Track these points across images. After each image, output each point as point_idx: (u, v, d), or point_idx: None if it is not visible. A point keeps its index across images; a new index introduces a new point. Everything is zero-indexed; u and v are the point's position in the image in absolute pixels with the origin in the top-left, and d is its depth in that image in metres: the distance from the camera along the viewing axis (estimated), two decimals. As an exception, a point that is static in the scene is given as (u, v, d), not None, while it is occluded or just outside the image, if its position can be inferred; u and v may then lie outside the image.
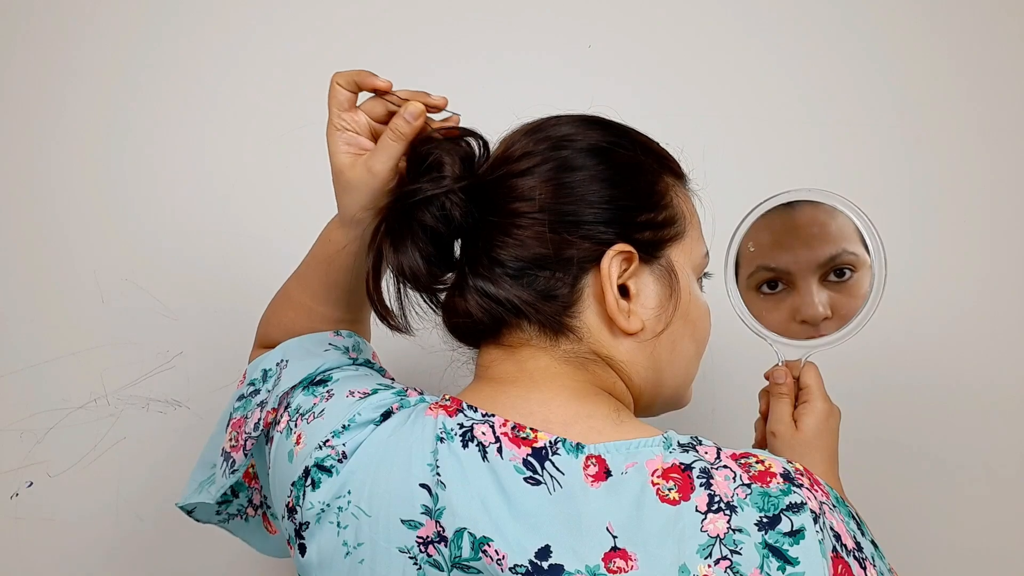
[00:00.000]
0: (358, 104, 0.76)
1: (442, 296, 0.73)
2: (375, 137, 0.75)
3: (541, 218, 0.67)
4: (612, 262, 0.67)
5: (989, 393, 1.14)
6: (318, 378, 0.78)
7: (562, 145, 0.70)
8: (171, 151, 1.19)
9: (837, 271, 0.85)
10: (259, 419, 0.78)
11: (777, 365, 0.84)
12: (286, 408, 0.76)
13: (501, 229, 0.68)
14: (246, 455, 0.79)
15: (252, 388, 0.82)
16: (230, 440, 0.81)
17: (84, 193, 1.18)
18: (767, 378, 0.85)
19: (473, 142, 0.72)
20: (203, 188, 1.19)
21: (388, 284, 0.72)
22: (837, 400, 0.83)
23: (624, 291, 0.69)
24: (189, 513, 0.88)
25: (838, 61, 1.17)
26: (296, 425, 0.73)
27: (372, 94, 0.75)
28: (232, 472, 0.80)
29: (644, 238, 0.69)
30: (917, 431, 1.14)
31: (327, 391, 0.75)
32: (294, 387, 0.77)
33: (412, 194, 0.69)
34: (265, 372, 0.82)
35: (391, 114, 0.74)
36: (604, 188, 0.69)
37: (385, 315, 0.71)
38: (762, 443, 0.85)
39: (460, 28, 1.19)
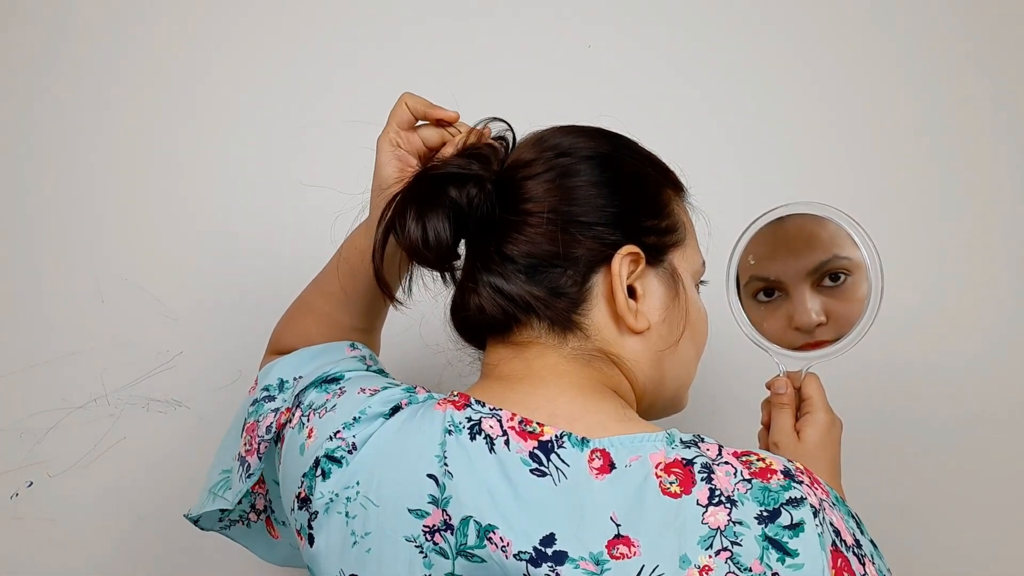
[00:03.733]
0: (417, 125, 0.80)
1: (451, 274, 0.75)
2: (422, 159, 0.80)
3: (551, 217, 0.70)
4: (622, 262, 0.70)
5: (987, 396, 1.15)
6: (331, 377, 0.79)
7: (566, 153, 0.73)
8: (171, 151, 1.19)
9: (832, 276, 0.86)
10: (272, 422, 0.79)
11: (778, 376, 0.85)
12: (298, 405, 0.77)
13: (513, 227, 0.70)
14: (260, 459, 0.80)
15: (266, 394, 0.83)
16: (244, 445, 0.82)
17: (84, 193, 1.18)
18: (768, 388, 0.86)
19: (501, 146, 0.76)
20: (203, 188, 1.19)
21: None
22: (835, 404, 0.84)
23: (631, 292, 0.71)
24: (195, 522, 0.89)
25: (840, 65, 1.18)
26: (308, 420, 0.75)
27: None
28: (248, 476, 0.81)
29: (649, 242, 0.72)
30: (915, 435, 1.15)
31: (339, 388, 0.76)
32: (307, 387, 0.79)
33: (445, 167, 0.72)
34: (282, 382, 0.83)
35: (443, 142, 0.79)
36: (608, 193, 0.72)
37: (388, 288, 0.74)
38: None
39: (460, 28, 1.20)
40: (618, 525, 0.61)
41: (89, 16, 1.20)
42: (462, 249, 0.75)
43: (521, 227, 0.70)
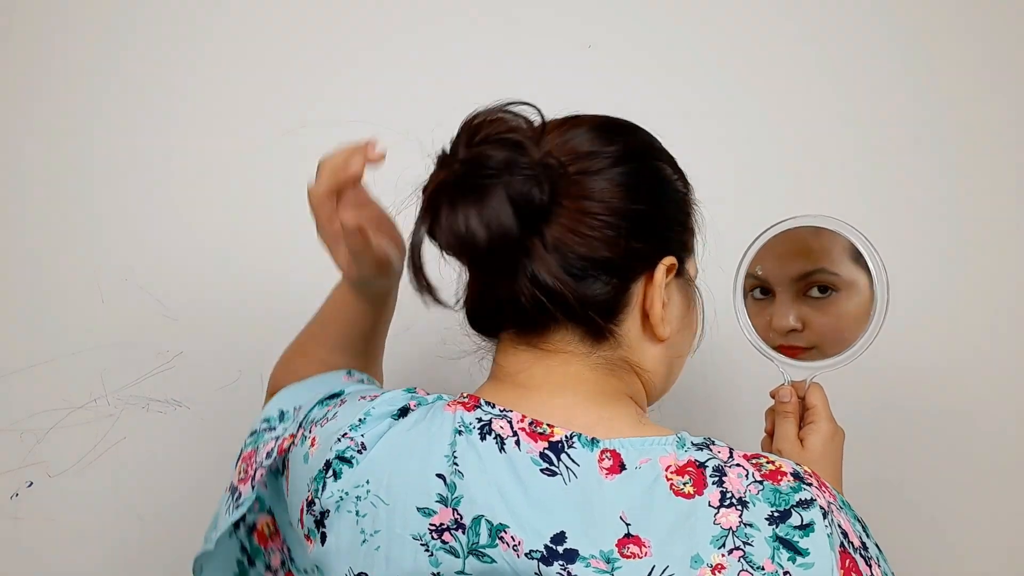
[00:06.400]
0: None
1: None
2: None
3: (612, 221, 0.66)
4: (663, 273, 0.69)
5: (988, 404, 1.15)
6: (330, 395, 0.79)
7: (627, 156, 0.69)
8: (171, 151, 1.18)
9: (820, 288, 0.87)
10: (273, 448, 0.79)
11: (782, 385, 0.86)
12: (301, 424, 0.77)
13: (567, 222, 0.66)
14: (253, 487, 0.78)
15: (266, 425, 0.83)
16: (239, 473, 0.81)
17: (84, 193, 1.18)
18: (772, 397, 0.86)
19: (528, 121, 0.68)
20: (203, 188, 1.18)
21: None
22: (839, 411, 0.85)
23: None
24: None
25: (841, 63, 1.18)
26: (310, 431, 0.75)
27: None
28: (236, 507, 0.79)
29: (681, 253, 0.72)
30: (916, 441, 1.15)
31: (339, 400, 0.77)
32: (309, 411, 0.78)
33: (488, 159, 0.64)
34: (282, 412, 0.83)
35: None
36: (657, 201, 0.70)
37: (427, 287, 0.67)
38: None
39: (459, 28, 1.19)
40: (628, 525, 0.62)
41: (89, 16, 1.19)
42: None
43: (577, 226, 0.65)
